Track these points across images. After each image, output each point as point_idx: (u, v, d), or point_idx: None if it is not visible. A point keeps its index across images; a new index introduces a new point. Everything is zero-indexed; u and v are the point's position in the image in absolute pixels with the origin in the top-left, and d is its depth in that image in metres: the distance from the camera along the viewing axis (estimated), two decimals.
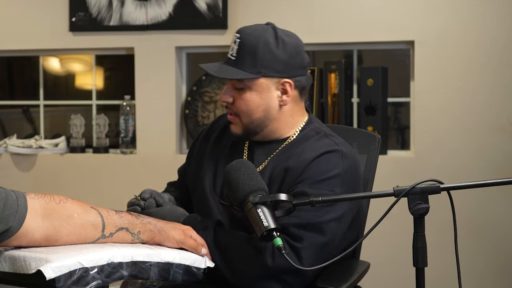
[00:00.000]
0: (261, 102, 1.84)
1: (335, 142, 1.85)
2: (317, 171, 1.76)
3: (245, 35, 1.84)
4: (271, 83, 1.84)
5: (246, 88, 1.83)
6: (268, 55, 1.81)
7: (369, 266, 2.08)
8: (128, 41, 3.77)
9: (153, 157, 3.73)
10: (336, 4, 3.52)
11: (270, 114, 1.86)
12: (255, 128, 1.86)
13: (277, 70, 1.83)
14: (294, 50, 1.85)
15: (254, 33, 1.83)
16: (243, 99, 1.84)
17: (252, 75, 1.81)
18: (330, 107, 3.56)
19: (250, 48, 1.81)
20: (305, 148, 1.83)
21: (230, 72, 1.82)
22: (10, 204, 1.42)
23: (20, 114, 4.26)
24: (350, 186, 1.78)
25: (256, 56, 1.81)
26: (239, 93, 1.84)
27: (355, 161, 1.85)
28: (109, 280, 1.44)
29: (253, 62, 1.81)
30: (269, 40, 1.82)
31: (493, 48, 3.35)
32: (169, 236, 1.62)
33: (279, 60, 1.82)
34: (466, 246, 3.27)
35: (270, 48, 1.81)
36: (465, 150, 3.38)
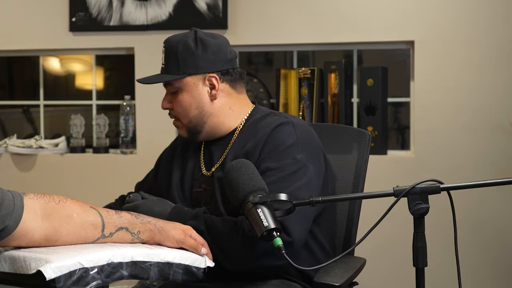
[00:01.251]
0: (193, 100, 1.96)
1: (284, 116, 1.95)
2: (274, 144, 1.85)
3: (167, 42, 2.00)
4: (197, 80, 1.95)
5: (178, 91, 1.97)
6: (188, 55, 1.94)
7: (365, 262, 2.09)
8: (128, 41, 3.77)
9: (153, 157, 3.70)
10: (336, 4, 3.52)
11: (204, 110, 1.97)
12: (195, 126, 1.97)
13: (199, 67, 1.95)
14: (215, 47, 1.96)
15: (175, 38, 1.98)
16: (177, 102, 1.98)
17: (177, 76, 1.95)
18: (330, 107, 3.56)
19: (173, 52, 1.96)
20: (257, 129, 1.92)
21: (158, 78, 2.00)
22: (6, 204, 1.42)
23: (20, 114, 4.26)
24: (310, 151, 1.87)
25: (178, 58, 1.95)
26: (174, 97, 1.99)
27: (308, 130, 1.93)
28: (109, 280, 1.44)
29: (177, 64, 1.95)
30: (188, 42, 1.95)
31: (493, 48, 3.35)
32: (169, 236, 1.62)
33: (199, 58, 1.94)
34: (466, 246, 3.27)
35: (189, 49, 1.94)
36: (465, 150, 3.38)
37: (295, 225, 1.74)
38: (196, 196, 1.97)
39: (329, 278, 1.85)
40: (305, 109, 3.56)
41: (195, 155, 2.04)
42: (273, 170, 1.80)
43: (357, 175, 2.15)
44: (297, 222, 1.75)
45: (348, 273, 1.91)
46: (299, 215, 1.74)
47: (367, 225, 1.63)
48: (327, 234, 1.98)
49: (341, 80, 3.52)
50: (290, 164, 1.81)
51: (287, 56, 3.83)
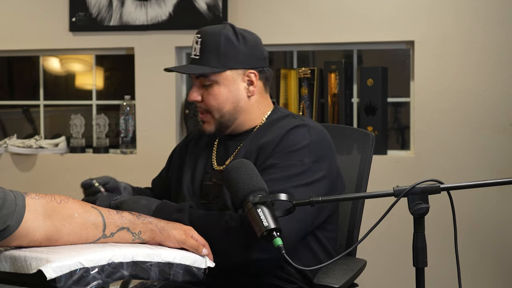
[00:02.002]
0: (230, 95, 1.92)
1: (302, 119, 1.94)
2: (287, 144, 1.84)
3: (205, 34, 1.93)
4: (236, 75, 1.92)
5: (213, 83, 1.91)
6: (230, 49, 1.90)
7: (365, 263, 2.09)
8: (128, 41, 3.77)
9: (153, 157, 3.73)
10: (336, 4, 3.53)
11: (239, 106, 1.94)
12: (226, 122, 1.94)
13: (241, 62, 1.92)
14: (254, 43, 1.95)
15: (214, 31, 1.92)
16: (211, 94, 1.92)
17: (217, 69, 1.89)
18: (330, 107, 3.56)
19: (212, 44, 1.90)
20: (274, 128, 1.92)
21: (196, 69, 1.90)
22: (8, 203, 1.42)
23: (20, 114, 4.26)
24: (319, 156, 1.85)
25: (219, 50, 1.89)
26: (207, 90, 1.92)
27: (322, 133, 1.92)
28: (109, 280, 1.44)
29: (217, 57, 1.89)
30: (229, 35, 1.91)
31: (493, 48, 3.35)
32: (170, 236, 1.62)
33: (241, 52, 1.91)
34: (466, 246, 3.28)
35: (231, 42, 1.90)
36: (465, 150, 3.38)
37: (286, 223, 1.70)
38: (205, 189, 1.96)
39: (329, 279, 1.84)
40: (305, 109, 3.56)
41: (208, 150, 2.03)
42: (276, 168, 1.80)
43: (360, 176, 2.15)
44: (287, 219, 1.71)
45: (348, 275, 1.91)
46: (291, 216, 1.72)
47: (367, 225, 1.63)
48: (332, 238, 1.98)
49: (341, 80, 3.52)
50: (295, 165, 1.81)
51: (287, 56, 3.83)
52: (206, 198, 1.95)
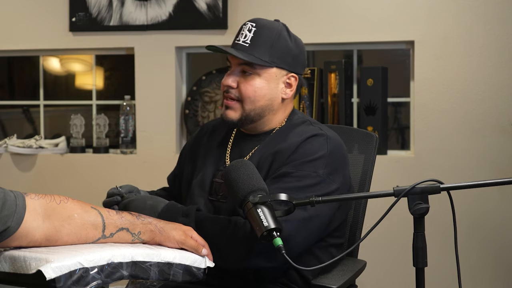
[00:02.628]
0: (268, 92, 1.90)
1: (320, 128, 1.92)
2: (303, 153, 1.83)
3: (260, 25, 1.89)
4: (280, 74, 1.91)
5: (254, 74, 1.88)
6: (283, 47, 1.88)
7: (365, 264, 2.09)
8: (128, 41, 3.77)
9: (153, 157, 3.73)
10: (336, 4, 3.52)
11: (272, 105, 1.92)
12: (253, 116, 1.91)
13: (288, 63, 1.90)
14: (302, 48, 1.95)
15: (271, 25, 1.90)
16: (251, 85, 1.88)
17: (267, 63, 1.87)
18: (330, 107, 3.56)
19: (266, 37, 1.87)
20: (291, 135, 1.90)
21: (246, 55, 1.86)
22: (8, 204, 1.42)
23: (20, 114, 4.26)
24: (334, 168, 1.84)
25: (272, 45, 1.87)
26: (245, 79, 1.89)
27: (339, 144, 1.90)
28: (109, 280, 1.44)
29: (268, 51, 1.87)
30: (283, 33, 1.89)
31: (493, 48, 3.35)
32: (169, 236, 1.62)
33: (291, 53, 1.90)
34: (466, 246, 3.27)
35: (285, 41, 1.89)
36: (465, 150, 3.38)
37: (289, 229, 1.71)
38: (215, 186, 1.95)
39: (327, 280, 1.84)
40: (305, 109, 3.56)
41: (222, 147, 2.01)
42: (291, 177, 1.78)
43: (363, 177, 2.15)
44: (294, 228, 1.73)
45: (347, 275, 1.90)
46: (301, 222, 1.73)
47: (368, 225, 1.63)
48: (338, 245, 1.97)
49: (341, 80, 3.52)
50: (309, 176, 1.79)
51: None
52: (215, 196, 1.93)
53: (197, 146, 2.09)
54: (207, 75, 3.79)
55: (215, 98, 3.78)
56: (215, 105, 3.78)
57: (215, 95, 3.78)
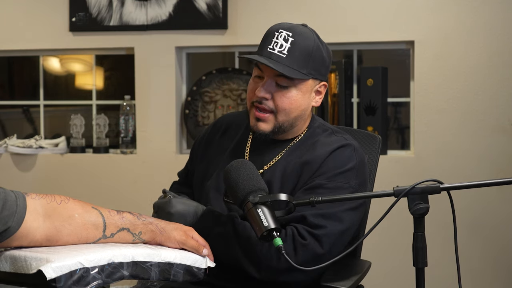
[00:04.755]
0: (303, 102, 1.87)
1: (344, 138, 1.91)
2: (334, 165, 1.82)
3: (297, 34, 1.83)
4: (314, 84, 1.89)
5: (291, 86, 1.84)
6: (319, 58, 1.85)
7: (370, 265, 2.09)
8: (128, 41, 3.77)
9: (153, 157, 3.73)
10: (336, 4, 3.52)
11: (304, 114, 1.91)
12: (286, 127, 1.88)
13: (322, 73, 1.89)
14: (331, 55, 1.92)
15: (306, 34, 1.84)
16: (287, 97, 1.84)
17: (305, 75, 1.83)
18: (330, 107, 3.56)
19: (305, 48, 1.82)
20: (317, 144, 1.88)
21: (285, 69, 1.80)
22: (9, 204, 1.42)
23: (20, 114, 4.26)
24: (363, 179, 1.86)
25: (310, 57, 1.83)
26: (281, 91, 1.84)
27: (364, 155, 1.92)
28: (109, 280, 1.44)
29: (306, 63, 1.83)
30: (318, 43, 1.85)
31: (493, 48, 3.35)
32: (170, 237, 1.62)
33: (325, 64, 1.88)
34: (466, 246, 3.28)
35: (321, 52, 1.86)
36: (465, 150, 3.38)
37: (332, 244, 1.73)
38: None
39: (337, 281, 1.83)
40: None
41: (239, 150, 1.97)
42: (325, 189, 1.78)
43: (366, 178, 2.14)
44: (334, 242, 1.74)
45: (355, 276, 1.90)
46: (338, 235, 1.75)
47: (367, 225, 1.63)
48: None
49: (341, 80, 3.52)
50: (343, 188, 1.79)
51: None
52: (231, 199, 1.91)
53: (209, 144, 2.05)
54: (207, 75, 3.79)
55: (215, 98, 3.78)
56: (215, 105, 3.78)
57: (215, 95, 3.78)
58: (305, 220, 1.73)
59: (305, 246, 1.71)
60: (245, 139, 1.98)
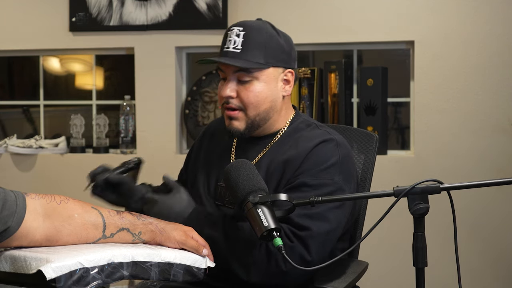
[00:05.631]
0: (269, 93, 1.86)
1: (328, 132, 1.89)
2: (316, 161, 1.80)
3: (249, 28, 1.84)
4: (277, 73, 1.87)
5: (253, 79, 1.83)
6: (275, 45, 1.84)
7: (367, 266, 2.08)
8: (128, 41, 3.77)
9: (153, 157, 3.73)
10: (336, 4, 3.53)
11: (275, 105, 1.88)
12: (259, 121, 1.87)
13: (283, 60, 1.86)
14: (292, 43, 1.91)
15: (258, 26, 1.86)
16: (251, 91, 1.83)
17: (263, 65, 1.82)
18: (330, 107, 3.56)
19: (258, 39, 1.83)
20: (299, 140, 1.87)
21: (240, 62, 1.81)
22: (9, 204, 1.42)
23: (20, 114, 4.26)
24: (347, 173, 1.84)
25: (265, 46, 1.83)
26: (244, 86, 1.84)
27: (348, 149, 1.89)
28: (109, 280, 1.44)
29: (262, 52, 1.82)
30: (272, 31, 1.85)
31: (493, 48, 3.35)
32: (170, 237, 1.61)
33: (284, 50, 1.86)
34: (466, 246, 3.27)
35: (275, 39, 1.85)
36: (465, 150, 3.38)
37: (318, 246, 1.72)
38: (220, 190, 1.93)
39: (330, 282, 1.83)
40: (305, 109, 3.56)
41: (226, 150, 1.98)
42: (309, 187, 1.77)
43: (363, 177, 2.14)
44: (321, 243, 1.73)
45: (350, 277, 1.89)
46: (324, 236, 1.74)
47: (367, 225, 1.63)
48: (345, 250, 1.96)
49: (341, 80, 3.52)
50: (327, 184, 1.78)
51: None
52: (221, 200, 1.91)
53: (199, 150, 2.07)
54: (207, 75, 3.79)
55: (215, 98, 3.78)
56: (215, 105, 3.78)
57: (215, 95, 3.77)
58: (290, 220, 1.72)
59: (292, 249, 1.69)
60: (230, 141, 1.99)
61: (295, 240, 1.70)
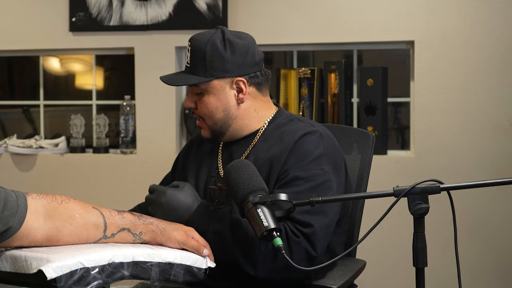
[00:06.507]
0: (219, 104, 1.92)
1: (311, 124, 1.93)
2: (302, 153, 1.84)
3: (194, 41, 1.92)
4: (224, 83, 1.91)
5: (204, 92, 1.92)
6: (216, 57, 1.89)
7: (365, 264, 2.09)
8: (128, 41, 3.77)
9: (153, 157, 3.74)
10: (336, 4, 3.53)
11: (230, 113, 1.93)
12: (220, 128, 1.94)
13: (228, 70, 1.90)
14: (243, 49, 1.91)
15: (202, 38, 1.91)
16: (203, 103, 1.92)
17: (204, 78, 1.89)
18: (330, 107, 3.56)
19: (200, 53, 1.89)
20: (283, 134, 1.90)
21: (183, 79, 1.93)
22: (10, 204, 1.42)
23: (20, 114, 4.26)
24: (335, 162, 1.87)
25: (206, 60, 1.89)
26: (199, 98, 1.93)
27: (332, 139, 1.93)
28: (110, 280, 1.44)
29: (204, 66, 1.89)
30: (216, 43, 1.89)
31: (493, 48, 3.36)
32: (170, 237, 1.62)
33: (228, 60, 1.90)
34: (466, 246, 3.28)
35: (217, 51, 1.89)
36: (465, 150, 3.38)
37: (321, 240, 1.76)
38: (209, 193, 1.96)
39: (327, 280, 1.84)
40: (305, 109, 3.56)
41: (213, 154, 2.03)
42: (302, 180, 1.79)
43: (360, 176, 2.15)
44: (323, 237, 1.77)
45: (347, 275, 1.90)
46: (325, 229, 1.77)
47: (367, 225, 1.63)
48: (341, 243, 1.97)
49: (341, 80, 3.52)
50: (318, 175, 1.81)
51: (287, 56, 3.83)
52: (211, 203, 1.93)
53: (187, 155, 2.12)
54: None
55: None
56: None
57: None
58: (292, 218, 1.74)
59: (299, 244, 1.72)
60: (217, 145, 2.04)
61: (300, 235, 1.72)
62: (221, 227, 1.75)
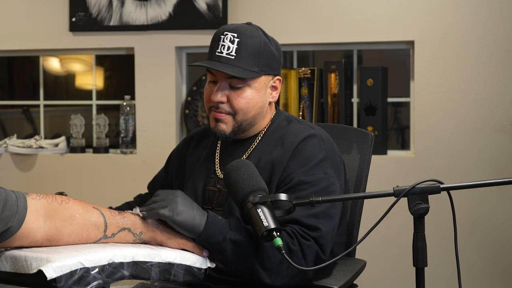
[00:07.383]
0: (259, 100, 1.89)
1: (311, 126, 1.92)
2: (305, 158, 1.83)
3: (242, 34, 1.85)
4: (267, 80, 1.90)
5: (245, 86, 1.86)
6: (268, 54, 1.87)
7: (365, 264, 2.09)
8: (128, 41, 3.77)
9: (153, 157, 3.73)
10: (336, 4, 3.53)
11: (263, 111, 1.92)
12: (247, 125, 1.90)
13: (274, 68, 1.90)
14: (280, 49, 1.94)
15: (251, 33, 1.87)
16: (243, 98, 1.86)
17: (256, 73, 1.85)
18: (330, 107, 3.56)
19: (252, 47, 1.84)
20: (283, 136, 1.90)
21: (234, 70, 1.83)
22: (10, 205, 1.42)
23: (20, 114, 4.26)
24: (337, 166, 1.87)
25: (259, 54, 1.85)
26: (236, 92, 1.86)
27: (332, 143, 1.92)
28: (110, 280, 1.44)
29: (256, 60, 1.85)
30: (265, 39, 1.88)
31: (493, 48, 3.35)
32: (171, 237, 1.62)
33: (275, 58, 1.90)
34: (466, 246, 3.28)
35: (268, 47, 1.87)
36: (465, 150, 3.38)
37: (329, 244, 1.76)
38: (208, 194, 1.94)
39: (328, 280, 1.84)
40: (305, 109, 3.56)
41: (211, 154, 2.00)
42: (307, 184, 1.79)
43: (359, 176, 2.15)
44: (330, 240, 1.77)
45: (347, 275, 1.91)
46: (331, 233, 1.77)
47: (367, 225, 1.63)
48: (340, 243, 1.98)
49: (341, 80, 3.52)
50: (322, 179, 1.80)
51: (287, 56, 3.83)
52: (210, 204, 1.92)
53: (183, 158, 2.09)
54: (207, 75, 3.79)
55: None
56: None
57: None
58: (299, 223, 1.73)
59: (310, 247, 1.71)
60: (214, 146, 2.01)
61: (311, 239, 1.72)
62: (239, 236, 1.68)
